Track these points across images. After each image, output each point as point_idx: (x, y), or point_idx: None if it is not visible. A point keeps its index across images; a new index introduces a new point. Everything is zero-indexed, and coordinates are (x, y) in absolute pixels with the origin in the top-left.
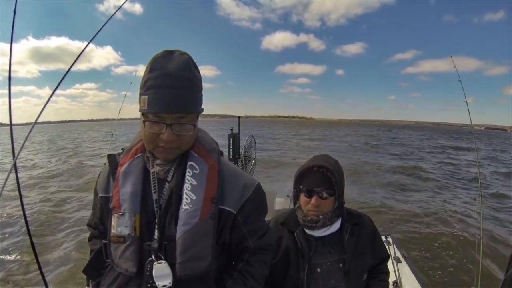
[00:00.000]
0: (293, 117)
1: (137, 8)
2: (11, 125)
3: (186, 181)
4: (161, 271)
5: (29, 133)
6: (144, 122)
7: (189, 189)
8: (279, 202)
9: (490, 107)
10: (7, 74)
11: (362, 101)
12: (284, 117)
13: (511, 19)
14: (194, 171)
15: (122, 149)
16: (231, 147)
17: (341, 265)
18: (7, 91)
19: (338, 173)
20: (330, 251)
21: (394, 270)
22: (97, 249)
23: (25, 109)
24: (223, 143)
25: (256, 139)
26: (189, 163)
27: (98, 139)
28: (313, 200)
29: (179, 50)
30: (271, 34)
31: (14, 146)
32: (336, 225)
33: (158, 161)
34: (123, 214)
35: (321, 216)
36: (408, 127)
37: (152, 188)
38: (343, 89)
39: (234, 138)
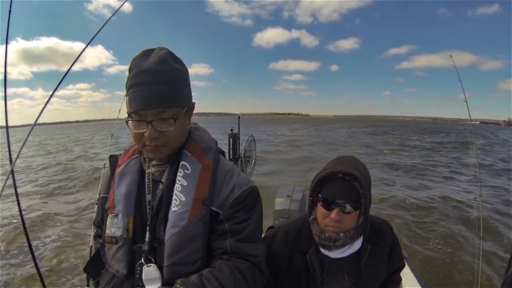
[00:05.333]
0: (289, 114)
1: (127, 6)
2: (7, 127)
3: (177, 181)
4: (150, 275)
5: (28, 135)
6: (126, 122)
7: (179, 190)
8: (279, 202)
9: (485, 102)
10: (2, 76)
11: (358, 97)
12: (280, 114)
13: (511, 13)
14: (186, 171)
15: (124, 149)
16: (231, 147)
17: None
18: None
19: (367, 183)
20: (344, 274)
21: None
22: (97, 249)
23: (19, 111)
24: (223, 143)
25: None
26: (182, 162)
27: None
28: (333, 213)
29: (159, 47)
30: (263, 30)
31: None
32: (357, 245)
33: (154, 162)
34: (116, 215)
35: (341, 234)
36: (404, 122)
37: (146, 189)
38: (338, 85)
39: (234, 138)
